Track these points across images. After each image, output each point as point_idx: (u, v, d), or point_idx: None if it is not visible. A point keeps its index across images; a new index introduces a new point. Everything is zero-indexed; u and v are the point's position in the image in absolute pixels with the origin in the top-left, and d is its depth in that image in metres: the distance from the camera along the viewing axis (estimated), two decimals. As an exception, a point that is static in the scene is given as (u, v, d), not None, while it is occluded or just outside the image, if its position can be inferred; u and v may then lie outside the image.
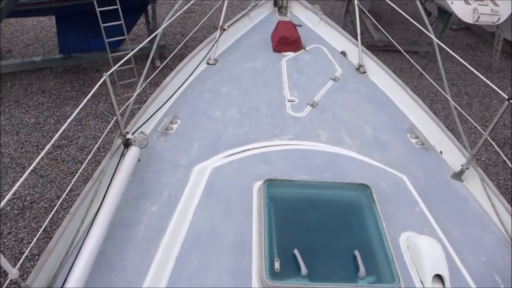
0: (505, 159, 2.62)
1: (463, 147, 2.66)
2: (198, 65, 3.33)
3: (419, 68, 4.12)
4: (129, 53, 4.96)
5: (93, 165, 4.57)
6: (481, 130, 2.73)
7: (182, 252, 1.89)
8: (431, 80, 3.62)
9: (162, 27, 3.12)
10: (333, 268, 1.79)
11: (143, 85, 2.90)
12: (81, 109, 5.63)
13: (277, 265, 1.74)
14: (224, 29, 3.66)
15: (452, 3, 5.43)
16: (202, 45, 3.52)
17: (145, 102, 3.98)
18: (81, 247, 1.68)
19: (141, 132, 2.43)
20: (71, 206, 4.13)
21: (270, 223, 1.94)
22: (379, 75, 3.45)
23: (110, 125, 2.54)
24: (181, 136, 2.65)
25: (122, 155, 2.29)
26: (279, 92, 3.20)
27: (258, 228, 2.00)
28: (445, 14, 6.33)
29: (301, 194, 2.16)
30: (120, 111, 2.45)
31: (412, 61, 4.21)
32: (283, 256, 1.79)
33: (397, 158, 2.64)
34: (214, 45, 3.52)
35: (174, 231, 1.98)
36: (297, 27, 3.91)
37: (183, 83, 3.13)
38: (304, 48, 3.79)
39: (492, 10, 5.55)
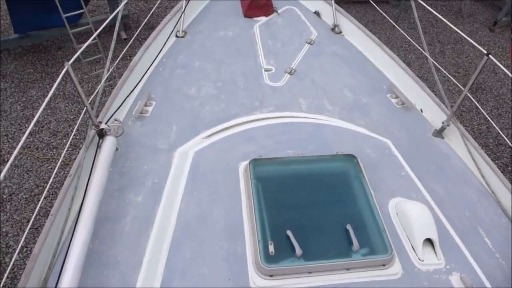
0: (478, 105, 2.68)
1: (443, 103, 2.68)
2: (166, 40, 3.15)
3: (391, 21, 4.06)
4: (90, 29, 4.70)
5: (70, 149, 4.43)
6: (460, 87, 2.74)
7: (173, 242, 1.86)
8: (403, 33, 3.60)
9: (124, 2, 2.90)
10: (327, 245, 1.81)
11: (110, 71, 2.71)
12: (47, 91, 5.33)
13: (271, 248, 1.74)
14: None
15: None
16: (169, 17, 3.31)
17: (115, 79, 3.75)
18: (68, 247, 1.62)
19: (115, 120, 2.30)
20: (52, 194, 4.05)
21: (260, 205, 1.93)
22: (355, 34, 3.38)
23: (81, 117, 2.37)
24: (158, 118, 2.54)
25: (98, 146, 2.18)
26: (254, 62, 3.09)
27: (248, 211, 1.98)
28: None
29: (288, 171, 2.14)
30: (90, 100, 2.31)
31: (384, 13, 4.14)
32: (276, 238, 1.79)
33: (379, 120, 2.65)
34: (181, 16, 3.32)
35: (163, 221, 1.94)
36: None
37: (153, 61, 2.97)
38: (276, 11, 3.65)
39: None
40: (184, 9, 3.38)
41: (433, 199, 2.17)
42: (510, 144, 2.46)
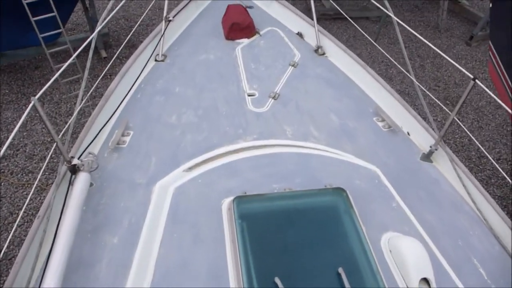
0: (458, 122, 2.67)
1: (430, 127, 2.65)
2: (145, 64, 3.03)
3: (371, 40, 4.10)
4: (68, 48, 4.58)
5: (47, 173, 4.25)
6: (448, 111, 2.71)
7: None
8: (384, 52, 3.61)
9: (104, 23, 2.82)
10: None
11: (89, 94, 2.61)
12: (23, 113, 5.14)
13: None
14: (170, 20, 3.33)
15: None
16: (148, 40, 3.20)
17: (94, 99, 3.57)
18: None
19: (89, 153, 2.15)
20: (28, 222, 3.86)
21: (245, 249, 1.80)
22: (339, 55, 3.34)
23: (50, 152, 2.18)
24: (136, 150, 2.40)
25: (70, 183, 2.02)
26: (237, 86, 2.99)
27: (233, 256, 1.84)
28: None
29: (274, 207, 2.01)
30: (62, 133, 2.18)
31: (363, 32, 4.16)
32: (263, 286, 1.68)
33: (367, 146, 2.59)
34: (160, 39, 3.21)
35: (141, 266, 1.80)
36: (249, 9, 3.68)
37: (131, 88, 2.83)
38: (258, 33, 3.59)
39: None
40: (164, 32, 3.26)
41: (425, 231, 2.10)
42: (490, 158, 2.50)
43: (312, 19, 3.52)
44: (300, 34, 3.62)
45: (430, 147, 2.51)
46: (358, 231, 1.92)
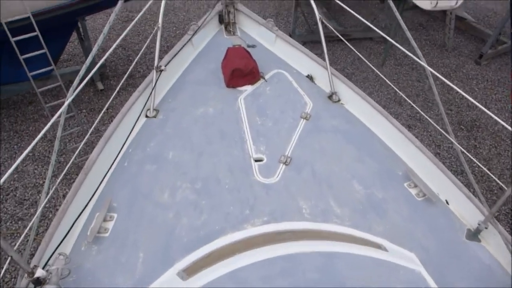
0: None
1: (474, 195, 2.26)
2: (135, 123, 2.59)
3: (380, 74, 3.82)
4: (60, 85, 4.34)
5: (40, 223, 3.95)
6: (503, 185, 2.20)
7: None
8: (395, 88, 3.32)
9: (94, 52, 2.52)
10: None
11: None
12: (15, 152, 4.84)
13: None
14: (162, 70, 2.85)
15: (408, -9, 5.18)
16: (136, 94, 2.72)
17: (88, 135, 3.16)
18: None
19: (60, 254, 1.77)
20: (15, 278, 3.54)
21: None
22: (355, 102, 2.90)
23: (3, 270, 1.70)
24: (120, 241, 1.99)
25: None
26: (241, 149, 2.54)
27: None
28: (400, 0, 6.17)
29: None
30: (28, 227, 1.82)
31: (370, 64, 3.91)
32: None
33: (400, 223, 2.17)
34: (151, 92, 2.76)
35: None
36: (251, 49, 3.32)
37: (117, 154, 2.39)
38: (263, 78, 3.12)
39: (449, -6, 5.38)
40: (155, 84, 2.78)
41: None
42: None
43: (324, 60, 3.07)
44: (310, 77, 3.19)
45: (479, 224, 2.11)
46: None
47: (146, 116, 2.74)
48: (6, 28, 3.84)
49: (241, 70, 2.95)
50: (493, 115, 2.05)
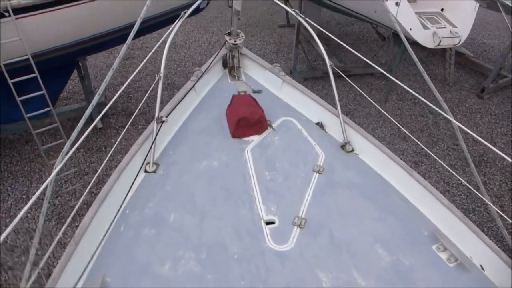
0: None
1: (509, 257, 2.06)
2: (133, 181, 2.38)
3: (382, 110, 3.72)
4: (58, 126, 4.23)
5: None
6: None
7: None
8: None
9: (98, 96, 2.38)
10: None
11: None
12: (9, 195, 4.64)
13: None
14: (163, 121, 2.67)
15: (411, 29, 5.21)
16: (136, 146, 2.53)
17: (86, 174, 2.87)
18: None
19: None
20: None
21: None
22: (370, 152, 2.71)
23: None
24: None
25: None
26: (250, 209, 2.31)
27: None
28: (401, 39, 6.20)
29: None
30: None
31: (376, 104, 3.82)
32: None
33: None
34: (151, 146, 2.56)
35: None
36: (256, 94, 3.15)
37: (113, 220, 2.15)
38: (271, 126, 2.93)
39: (451, 32, 5.40)
40: (155, 137, 2.58)
41: None
42: None
43: (336, 108, 2.87)
44: (320, 125, 2.99)
45: None
46: None
47: (145, 171, 2.51)
48: (4, 70, 3.78)
49: (247, 119, 2.76)
50: (499, 152, 1.95)
